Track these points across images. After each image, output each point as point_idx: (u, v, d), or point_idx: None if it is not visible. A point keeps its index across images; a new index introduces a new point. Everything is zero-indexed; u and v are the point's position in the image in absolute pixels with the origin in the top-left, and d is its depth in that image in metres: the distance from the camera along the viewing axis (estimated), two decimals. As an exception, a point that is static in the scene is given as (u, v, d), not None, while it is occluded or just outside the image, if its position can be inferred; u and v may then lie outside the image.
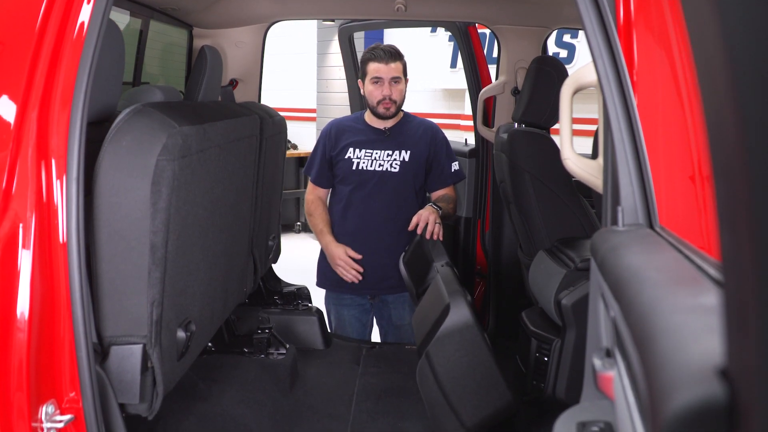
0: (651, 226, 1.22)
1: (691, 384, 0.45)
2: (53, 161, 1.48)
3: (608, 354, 0.98)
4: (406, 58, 3.05)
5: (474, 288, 3.60)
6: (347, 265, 2.98)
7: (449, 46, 7.37)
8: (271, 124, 2.70)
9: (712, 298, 0.57)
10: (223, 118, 2.07)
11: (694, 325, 0.53)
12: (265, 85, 3.43)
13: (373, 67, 2.96)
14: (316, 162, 3.13)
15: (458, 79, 7.16)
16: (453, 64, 7.35)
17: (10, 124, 1.45)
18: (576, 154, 1.52)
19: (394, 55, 2.97)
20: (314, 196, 3.16)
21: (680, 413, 0.45)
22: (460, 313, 2.15)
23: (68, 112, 1.49)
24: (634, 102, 1.31)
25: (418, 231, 2.84)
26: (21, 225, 1.43)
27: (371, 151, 3.03)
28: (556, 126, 1.98)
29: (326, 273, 3.19)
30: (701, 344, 0.49)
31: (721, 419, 0.44)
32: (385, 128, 3.05)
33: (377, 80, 2.97)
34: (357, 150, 3.04)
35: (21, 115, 1.46)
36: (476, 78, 3.44)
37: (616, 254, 0.94)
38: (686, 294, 0.63)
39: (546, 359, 2.31)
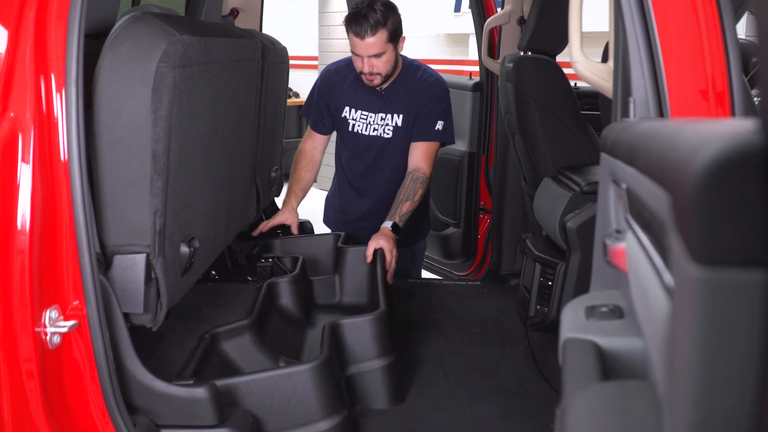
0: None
1: (723, 136, 0.42)
2: (52, 75, 1.46)
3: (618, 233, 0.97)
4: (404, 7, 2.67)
5: (479, 224, 3.59)
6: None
7: (453, -11, 7.23)
8: (273, 52, 2.65)
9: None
10: (225, 37, 2.03)
11: (721, 125, 0.51)
12: (266, 32, 3.33)
13: (351, 39, 2.63)
14: (313, 106, 2.97)
15: (462, 23, 7.02)
16: (457, 8, 7.21)
17: (7, 25, 1.42)
18: (586, 57, 1.49)
19: (373, 26, 2.56)
20: (309, 146, 3.00)
21: (713, 161, 0.41)
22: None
23: (65, 21, 1.46)
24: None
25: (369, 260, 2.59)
26: (20, 134, 1.41)
27: (366, 113, 2.84)
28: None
29: (328, 213, 3.21)
30: (730, 125, 0.46)
31: (757, 167, 0.41)
32: (381, 89, 2.80)
33: (356, 54, 2.68)
34: (353, 110, 2.86)
35: (18, 16, 1.43)
36: (481, 8, 3.37)
37: (629, 130, 0.92)
38: (709, 121, 0.61)
39: (550, 283, 2.31)
